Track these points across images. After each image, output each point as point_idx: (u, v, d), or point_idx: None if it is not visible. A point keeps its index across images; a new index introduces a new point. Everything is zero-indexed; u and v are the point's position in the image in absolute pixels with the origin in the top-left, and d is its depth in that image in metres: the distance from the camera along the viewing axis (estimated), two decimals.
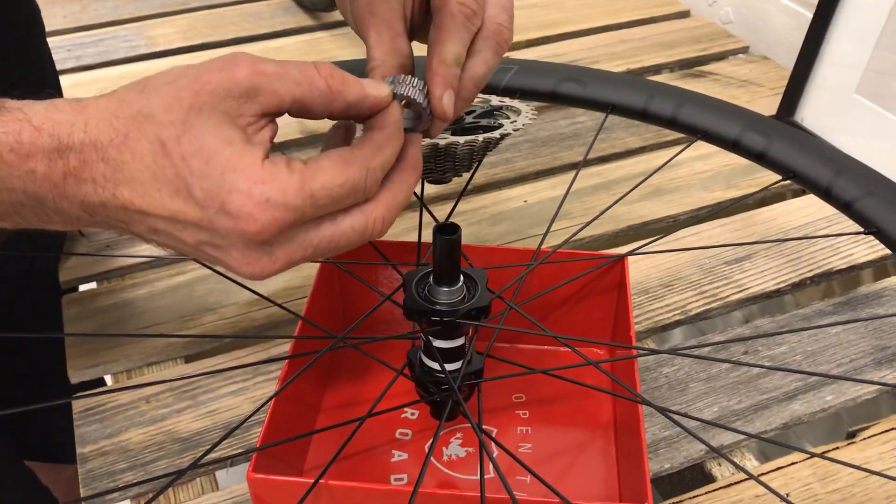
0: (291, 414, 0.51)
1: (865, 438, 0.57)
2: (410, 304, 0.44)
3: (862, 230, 0.55)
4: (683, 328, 0.82)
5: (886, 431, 0.57)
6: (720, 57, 1.09)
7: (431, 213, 0.57)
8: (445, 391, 0.47)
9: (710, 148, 0.66)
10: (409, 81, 0.38)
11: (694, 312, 0.67)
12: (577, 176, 0.63)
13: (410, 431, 0.56)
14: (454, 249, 0.42)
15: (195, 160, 0.32)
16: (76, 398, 0.60)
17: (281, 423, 0.48)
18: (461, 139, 0.48)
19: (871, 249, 0.73)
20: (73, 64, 1.07)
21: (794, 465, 0.55)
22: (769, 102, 0.97)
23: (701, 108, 0.64)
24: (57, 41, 1.12)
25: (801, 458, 0.55)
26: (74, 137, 0.33)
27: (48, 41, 0.71)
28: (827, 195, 0.58)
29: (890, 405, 0.75)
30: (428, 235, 0.47)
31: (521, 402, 0.58)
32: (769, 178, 0.82)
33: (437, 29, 0.39)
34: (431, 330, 0.45)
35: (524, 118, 0.52)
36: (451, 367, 0.47)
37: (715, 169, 0.85)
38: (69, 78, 1.03)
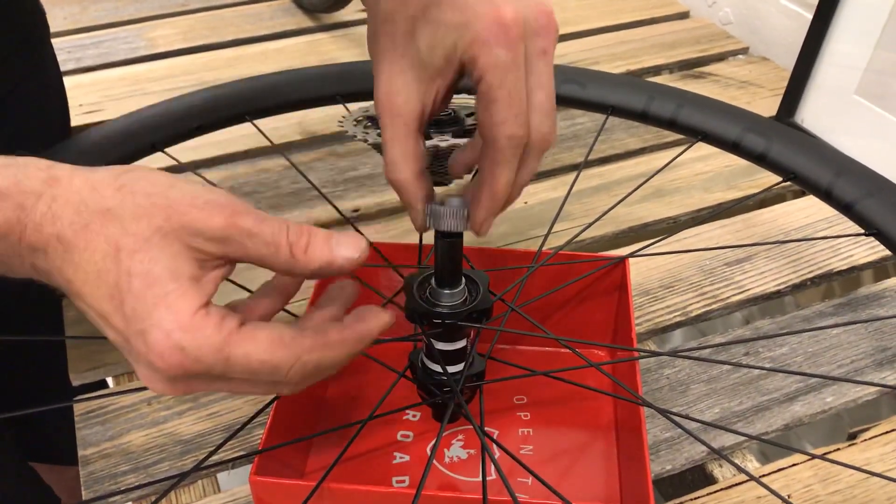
0: (293, 416, 0.51)
1: (866, 440, 0.57)
2: (412, 306, 0.44)
3: (862, 231, 0.55)
4: (684, 329, 0.82)
5: (887, 433, 0.57)
6: (720, 58, 1.09)
7: None
8: (447, 393, 0.47)
9: (710, 149, 0.66)
10: (450, 213, 0.40)
11: (695, 314, 0.67)
12: (577, 177, 0.63)
13: (412, 433, 0.56)
14: (456, 251, 0.42)
15: (138, 280, 0.32)
16: (78, 401, 0.60)
17: (283, 425, 0.48)
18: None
19: (871, 251, 0.73)
20: (73, 66, 1.07)
21: (795, 466, 0.55)
22: (769, 103, 0.97)
23: (701, 109, 0.64)
24: (57, 43, 1.11)
25: (802, 459, 0.56)
26: (38, 210, 0.33)
27: (51, 42, 0.71)
28: (827, 196, 0.58)
29: (890, 406, 0.75)
30: (429, 237, 0.47)
31: (522, 403, 0.58)
32: (769, 179, 0.82)
33: (489, 161, 0.38)
34: (433, 332, 0.45)
35: None
36: (452, 369, 0.47)
37: (715, 170, 0.85)
38: (70, 79, 1.03)
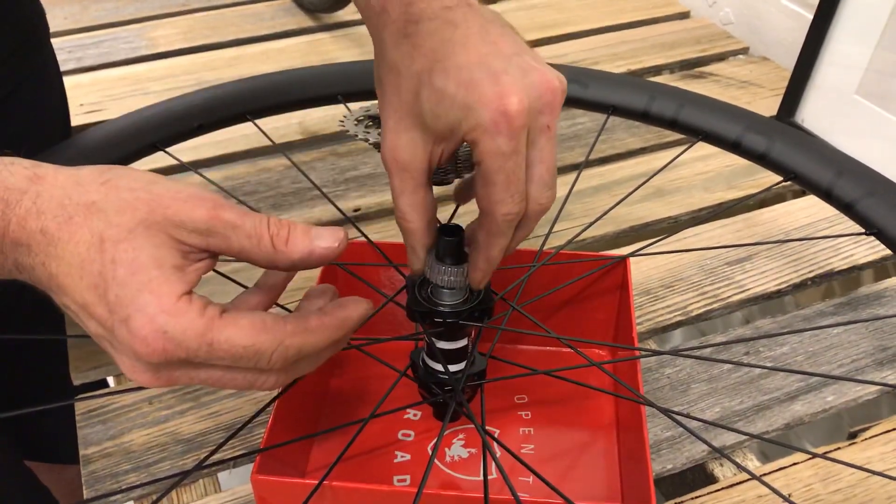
0: (294, 415, 0.51)
1: (867, 439, 0.57)
2: (413, 305, 0.45)
3: (863, 231, 0.55)
4: (685, 329, 0.82)
5: (888, 432, 0.57)
6: (720, 58, 1.09)
7: None
8: (448, 392, 0.47)
9: (711, 149, 0.66)
10: (451, 272, 0.42)
11: (695, 313, 0.67)
12: (578, 177, 0.63)
13: (413, 432, 0.56)
14: (457, 251, 0.43)
15: (122, 268, 0.33)
16: (79, 399, 0.60)
17: (284, 424, 0.48)
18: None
19: (871, 250, 0.73)
20: (73, 65, 1.07)
21: (795, 465, 0.55)
22: (769, 103, 0.97)
23: (702, 109, 0.64)
24: (58, 42, 1.12)
25: (802, 458, 0.56)
26: (22, 205, 0.33)
27: (51, 42, 0.71)
28: (828, 196, 0.58)
29: (891, 406, 0.76)
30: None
31: (523, 402, 0.58)
32: (770, 178, 0.82)
33: (485, 231, 0.40)
34: (434, 331, 0.45)
35: None
36: (453, 368, 0.47)
37: (716, 170, 0.85)
38: (70, 79, 1.03)
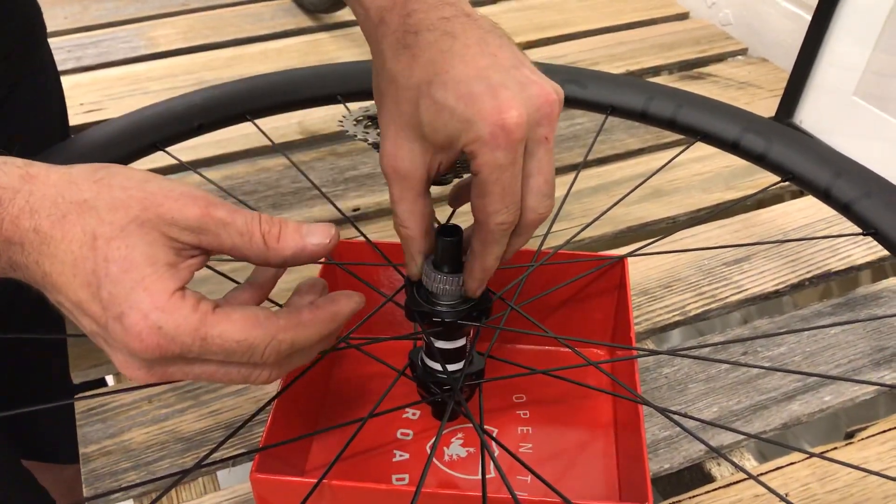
0: (294, 414, 0.51)
1: (864, 439, 0.57)
2: (412, 305, 0.45)
3: (860, 231, 0.55)
4: (682, 329, 0.83)
5: (884, 432, 0.58)
6: (719, 59, 1.09)
7: None
8: (447, 392, 0.47)
9: (709, 149, 0.66)
10: (447, 280, 0.43)
11: (693, 313, 0.67)
12: (576, 177, 0.64)
13: (412, 432, 0.56)
14: (456, 251, 0.43)
15: (115, 265, 0.33)
16: (79, 399, 0.60)
17: (283, 423, 0.48)
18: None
19: (869, 251, 0.73)
20: (73, 65, 1.07)
21: (792, 465, 0.55)
22: (768, 104, 0.97)
23: (700, 109, 0.64)
24: (57, 42, 1.12)
25: (799, 458, 0.56)
26: (15, 204, 0.34)
27: (49, 42, 0.71)
28: (826, 196, 0.58)
29: (888, 405, 0.76)
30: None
31: (521, 402, 0.58)
32: (768, 179, 0.82)
33: (479, 240, 0.40)
34: (433, 331, 0.46)
35: None
36: (452, 367, 0.47)
37: (714, 170, 0.86)
38: (69, 79, 1.03)
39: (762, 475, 0.55)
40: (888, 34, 0.83)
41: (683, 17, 1.20)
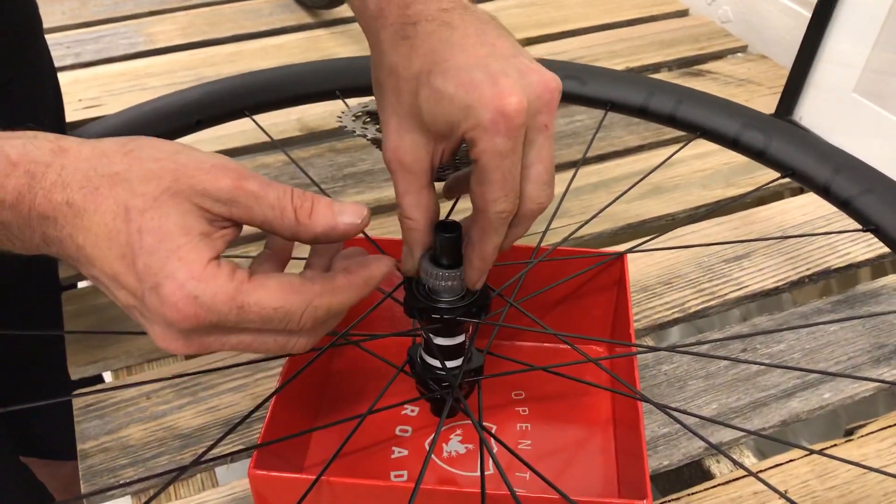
0: (292, 411, 0.51)
1: (863, 435, 0.57)
2: (411, 301, 0.45)
3: (860, 228, 0.55)
4: (682, 326, 0.83)
5: (884, 429, 0.58)
6: (719, 56, 1.09)
7: None
8: (446, 388, 0.47)
9: (708, 146, 0.66)
10: (446, 276, 0.42)
11: (693, 310, 0.67)
12: (576, 174, 0.64)
13: (410, 428, 0.56)
14: (456, 246, 0.43)
15: (149, 236, 0.33)
16: (77, 395, 0.60)
17: (282, 420, 0.48)
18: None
19: (869, 247, 0.73)
20: (72, 61, 1.07)
21: (792, 462, 0.55)
22: (767, 101, 0.97)
23: (700, 105, 0.64)
24: (56, 38, 1.12)
25: (799, 455, 0.56)
26: (48, 178, 0.34)
27: (47, 38, 0.70)
28: (825, 193, 0.58)
29: (887, 402, 0.76)
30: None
31: (520, 398, 0.58)
32: (768, 175, 0.82)
33: (478, 229, 0.40)
34: (432, 327, 0.45)
35: None
36: (451, 364, 0.47)
37: (714, 167, 0.85)
38: (68, 75, 1.03)
39: (762, 472, 0.55)
40: (888, 32, 0.83)
41: (683, 13, 1.20)
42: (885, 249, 0.72)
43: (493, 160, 0.37)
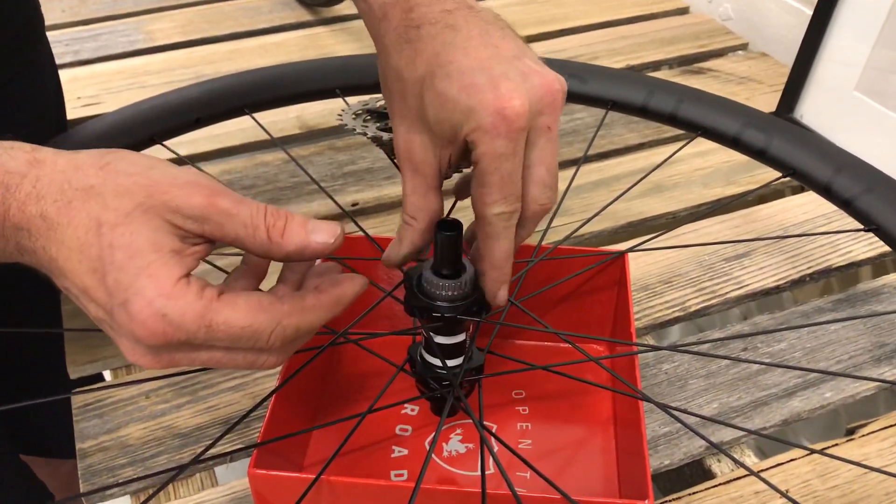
0: (292, 410, 0.51)
1: (864, 435, 0.57)
2: (411, 300, 0.44)
3: (861, 227, 0.55)
4: (683, 325, 0.83)
5: (885, 428, 0.57)
6: (719, 53, 1.09)
7: None
8: (446, 387, 0.47)
9: (709, 145, 0.66)
10: (447, 285, 0.42)
11: (693, 309, 0.67)
12: (576, 172, 0.63)
13: (410, 427, 0.56)
14: (455, 246, 0.42)
15: (120, 252, 0.33)
16: (75, 393, 0.59)
17: (281, 419, 0.48)
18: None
19: (870, 247, 0.73)
20: (71, 58, 1.07)
21: (793, 461, 0.55)
22: (768, 99, 0.97)
23: (701, 104, 0.64)
24: (55, 35, 1.11)
25: (800, 454, 0.56)
26: (22, 189, 0.34)
27: (47, 35, 0.70)
28: (827, 192, 0.58)
29: (888, 402, 0.76)
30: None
31: (521, 397, 0.58)
32: (769, 174, 0.82)
33: (483, 235, 0.40)
34: (432, 326, 0.45)
35: None
36: (451, 363, 0.47)
37: (714, 166, 0.85)
38: (67, 72, 1.03)
39: (763, 471, 0.55)
40: (889, 30, 0.82)
41: (684, 11, 1.19)
42: (886, 248, 0.72)
43: (492, 163, 0.37)
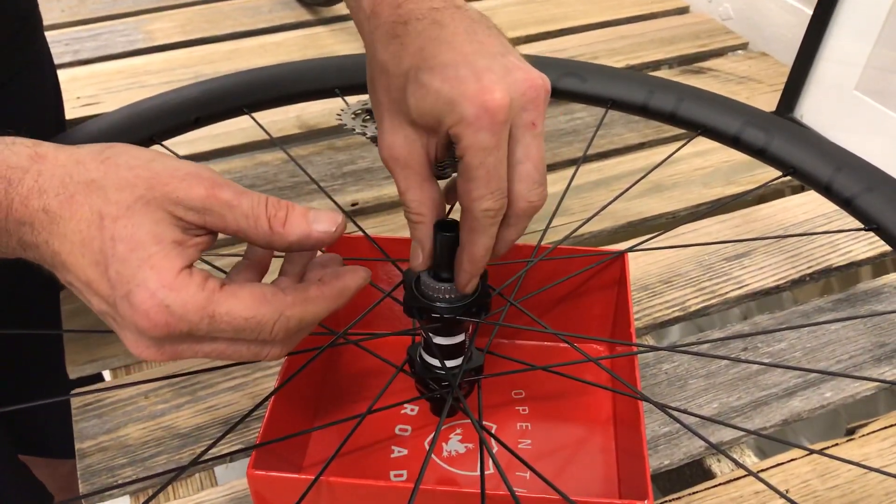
0: (291, 410, 0.51)
1: (864, 435, 0.57)
2: (410, 300, 0.44)
3: (862, 226, 0.55)
4: (682, 324, 0.83)
5: (885, 428, 0.57)
6: (719, 53, 1.08)
7: None
8: (445, 388, 0.47)
9: (709, 144, 0.66)
10: (444, 289, 0.43)
11: (693, 309, 0.67)
12: (576, 172, 0.63)
13: (410, 427, 0.56)
14: (454, 246, 0.42)
15: (122, 244, 0.33)
16: (75, 395, 0.59)
17: (280, 419, 0.48)
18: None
19: (870, 246, 0.73)
20: (70, 58, 1.07)
21: (793, 461, 0.55)
22: (768, 99, 0.97)
23: (701, 103, 0.64)
24: (55, 35, 1.11)
25: (800, 454, 0.56)
26: (24, 184, 0.34)
27: (46, 35, 0.70)
28: (827, 191, 0.57)
29: (888, 402, 0.76)
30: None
31: (520, 398, 0.58)
32: (769, 174, 0.82)
33: (467, 229, 0.40)
34: (431, 327, 0.45)
35: None
36: (451, 363, 0.47)
37: (714, 165, 0.85)
38: (67, 72, 1.03)
39: (762, 471, 0.55)
40: (889, 29, 0.82)
41: (683, 11, 1.19)
42: (886, 248, 0.72)
43: (476, 156, 0.37)
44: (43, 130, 0.69)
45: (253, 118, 0.66)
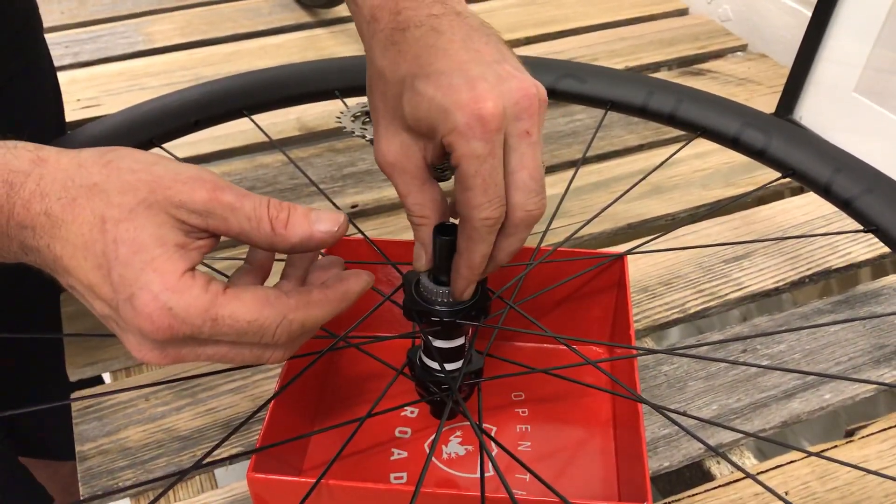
0: (291, 413, 0.51)
1: (864, 437, 0.57)
2: (410, 304, 0.44)
3: (861, 228, 0.55)
4: (682, 326, 0.83)
5: (884, 430, 0.57)
6: (718, 55, 1.09)
7: None
8: (445, 391, 0.47)
9: (708, 146, 0.66)
10: (441, 293, 0.43)
11: (693, 311, 0.67)
12: (576, 174, 0.63)
13: (410, 430, 0.56)
14: (454, 249, 0.42)
15: (124, 247, 0.33)
16: (75, 399, 0.59)
17: (281, 422, 0.48)
18: None
19: (869, 248, 0.73)
20: (70, 60, 1.07)
21: (792, 463, 0.55)
22: (767, 100, 0.97)
23: (701, 104, 0.64)
24: (54, 37, 1.11)
25: (799, 456, 0.56)
26: (26, 188, 0.34)
27: (46, 37, 0.70)
28: (826, 192, 0.57)
29: (888, 404, 0.76)
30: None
31: (520, 400, 0.58)
32: (768, 175, 0.82)
33: (465, 237, 0.40)
34: (431, 330, 0.45)
35: None
36: (450, 366, 0.47)
37: (714, 167, 0.85)
38: (67, 74, 1.03)
39: (762, 474, 0.55)
40: (888, 30, 0.82)
41: (683, 12, 1.19)
42: (885, 249, 0.72)
43: (471, 165, 0.37)
44: (43, 133, 0.69)
45: (253, 120, 0.66)
